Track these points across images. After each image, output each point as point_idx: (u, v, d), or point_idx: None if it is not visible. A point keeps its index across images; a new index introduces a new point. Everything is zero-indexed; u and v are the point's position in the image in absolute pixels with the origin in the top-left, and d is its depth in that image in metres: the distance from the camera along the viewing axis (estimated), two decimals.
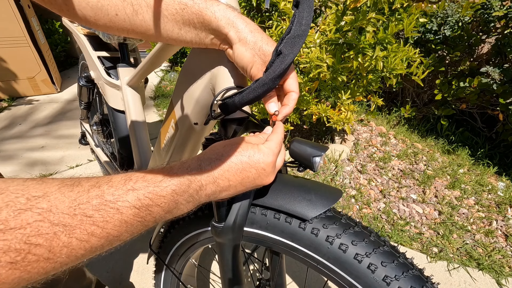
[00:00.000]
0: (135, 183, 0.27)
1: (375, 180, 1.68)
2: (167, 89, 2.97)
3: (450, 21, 1.89)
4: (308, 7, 0.33)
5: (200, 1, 0.34)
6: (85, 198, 0.24)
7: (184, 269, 0.67)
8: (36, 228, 0.21)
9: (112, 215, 0.25)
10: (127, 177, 0.28)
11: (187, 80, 0.48)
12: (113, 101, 0.92)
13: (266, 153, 0.34)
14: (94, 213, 0.24)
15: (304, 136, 2.11)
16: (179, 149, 0.58)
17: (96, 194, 0.25)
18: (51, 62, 2.84)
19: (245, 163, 0.33)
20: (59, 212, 0.22)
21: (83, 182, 0.26)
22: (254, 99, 0.35)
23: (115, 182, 0.27)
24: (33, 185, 0.23)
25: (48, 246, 0.21)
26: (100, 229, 0.24)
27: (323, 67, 1.33)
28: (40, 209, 0.21)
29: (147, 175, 0.29)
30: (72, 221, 0.22)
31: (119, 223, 0.25)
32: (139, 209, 0.27)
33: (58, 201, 0.23)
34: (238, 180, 0.33)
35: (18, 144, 1.99)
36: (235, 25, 0.34)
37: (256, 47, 0.35)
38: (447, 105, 2.09)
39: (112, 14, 0.33)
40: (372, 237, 0.38)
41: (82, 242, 0.23)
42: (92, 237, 0.24)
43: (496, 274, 1.15)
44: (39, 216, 0.21)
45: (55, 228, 0.21)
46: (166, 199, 0.29)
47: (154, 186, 0.28)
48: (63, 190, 0.24)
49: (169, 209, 0.30)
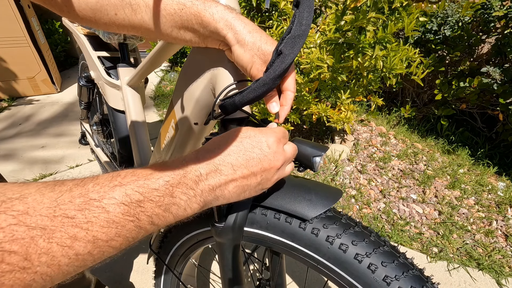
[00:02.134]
0: (123, 178, 0.25)
1: (375, 180, 1.68)
2: (167, 89, 2.97)
3: (450, 21, 1.89)
4: (309, 7, 0.33)
5: (199, 2, 0.34)
6: (67, 198, 0.21)
7: (184, 269, 0.67)
8: (10, 233, 0.18)
9: (98, 214, 0.22)
10: (115, 173, 0.25)
11: (187, 80, 0.48)
12: (113, 101, 0.92)
13: (268, 133, 0.33)
14: (77, 214, 0.21)
15: (304, 136, 2.11)
16: (179, 149, 0.58)
17: (79, 193, 0.22)
18: (51, 62, 2.84)
19: (246, 144, 0.31)
20: (37, 214, 0.19)
21: (66, 182, 0.23)
22: (255, 99, 0.35)
23: (102, 179, 0.24)
24: (11, 187, 0.21)
25: (24, 253, 0.18)
26: (84, 232, 0.21)
27: (324, 67, 1.33)
28: (15, 211, 0.19)
29: (137, 170, 0.26)
30: (51, 223, 0.20)
31: (106, 223, 0.22)
32: (129, 205, 0.24)
33: (36, 203, 0.20)
34: (242, 163, 0.30)
35: (18, 144, 1.99)
36: (233, 27, 0.34)
37: (255, 47, 0.35)
38: (447, 105, 2.09)
39: (111, 14, 0.34)
40: (372, 237, 0.38)
41: (64, 248, 0.20)
42: (76, 242, 0.21)
43: (496, 274, 1.15)
44: (13, 219, 0.18)
45: (32, 232, 0.19)
46: (159, 192, 0.26)
47: (145, 179, 0.25)
48: (43, 190, 0.21)
49: (165, 204, 0.26)
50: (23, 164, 1.78)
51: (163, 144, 0.64)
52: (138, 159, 0.88)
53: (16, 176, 1.66)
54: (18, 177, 1.65)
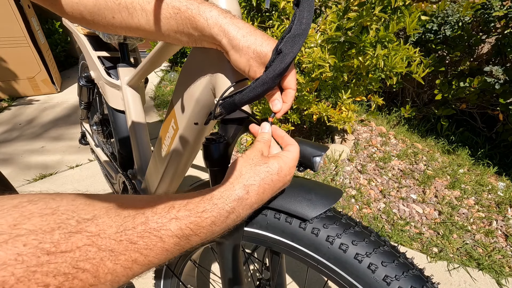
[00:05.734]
0: (178, 212, 0.28)
1: (375, 180, 1.68)
2: (167, 89, 2.97)
3: (450, 21, 1.89)
4: (309, 7, 0.33)
5: (194, 6, 0.34)
6: (130, 224, 0.24)
7: (184, 269, 0.67)
8: (85, 253, 0.20)
9: (155, 243, 0.25)
10: (170, 204, 0.28)
11: (187, 80, 0.48)
12: (113, 101, 0.92)
13: (291, 165, 0.35)
14: (139, 240, 0.24)
15: (304, 136, 2.11)
16: (179, 149, 0.58)
17: (141, 221, 0.25)
18: (51, 62, 2.84)
19: (276, 181, 0.34)
20: (107, 237, 0.22)
21: (129, 205, 0.26)
22: (254, 98, 0.35)
23: (159, 209, 0.27)
24: (82, 206, 0.23)
25: (94, 272, 0.21)
26: (143, 257, 0.24)
27: (326, 67, 1.33)
28: (89, 233, 0.21)
29: (189, 204, 0.29)
30: (118, 247, 0.22)
31: (160, 251, 0.26)
32: (180, 238, 0.27)
33: (106, 226, 0.23)
34: (269, 196, 0.35)
35: (18, 143, 1.99)
36: (226, 32, 0.34)
37: (250, 51, 0.34)
38: (447, 105, 2.09)
39: (109, 17, 0.34)
40: (372, 237, 0.38)
41: (126, 269, 0.23)
42: (135, 265, 0.24)
43: (496, 274, 1.15)
44: (88, 240, 0.21)
45: (102, 253, 0.21)
46: (205, 229, 0.29)
47: (196, 217, 0.29)
48: (110, 213, 0.24)
49: (205, 237, 0.30)
50: (23, 163, 1.78)
51: (163, 144, 0.64)
52: (138, 159, 0.88)
53: (16, 175, 1.66)
54: (18, 176, 1.65)
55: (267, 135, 0.38)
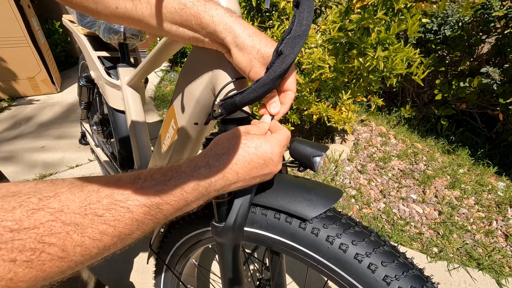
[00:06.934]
0: (144, 182, 0.28)
1: (375, 180, 1.68)
2: (167, 89, 2.97)
3: (450, 21, 1.89)
4: (309, 7, 0.33)
5: (200, 3, 0.34)
6: (95, 198, 0.25)
7: (184, 269, 0.67)
8: (49, 228, 0.21)
9: (123, 213, 0.25)
10: (136, 176, 0.29)
11: (187, 80, 0.48)
12: (113, 101, 0.92)
13: (273, 143, 0.34)
14: (105, 213, 0.24)
15: (304, 136, 2.11)
16: (179, 149, 0.58)
17: (105, 194, 0.25)
18: (51, 62, 2.84)
19: (252, 154, 0.33)
20: (70, 212, 0.23)
21: (92, 182, 0.26)
22: (255, 99, 0.35)
23: (124, 182, 0.27)
24: (44, 186, 0.23)
25: (61, 245, 0.22)
26: (112, 228, 0.25)
27: (325, 67, 1.33)
28: (51, 208, 0.22)
29: (156, 174, 0.29)
30: (83, 220, 0.23)
31: (130, 221, 0.26)
32: (150, 207, 0.27)
33: (69, 201, 0.23)
34: (246, 171, 0.33)
35: (18, 144, 1.99)
36: (232, 30, 0.34)
37: (254, 50, 0.35)
38: (447, 105, 2.09)
39: (112, 7, 0.34)
40: (372, 237, 0.38)
41: (95, 241, 0.24)
42: (105, 236, 0.24)
43: (496, 274, 1.15)
44: (51, 216, 0.21)
45: (67, 227, 0.22)
46: (175, 197, 0.29)
47: (163, 185, 0.29)
48: (73, 190, 0.24)
49: (179, 206, 0.30)
50: (23, 164, 1.78)
51: (163, 144, 0.64)
52: (138, 159, 0.88)
53: (16, 176, 1.66)
54: (18, 177, 1.65)
55: (265, 125, 0.38)
